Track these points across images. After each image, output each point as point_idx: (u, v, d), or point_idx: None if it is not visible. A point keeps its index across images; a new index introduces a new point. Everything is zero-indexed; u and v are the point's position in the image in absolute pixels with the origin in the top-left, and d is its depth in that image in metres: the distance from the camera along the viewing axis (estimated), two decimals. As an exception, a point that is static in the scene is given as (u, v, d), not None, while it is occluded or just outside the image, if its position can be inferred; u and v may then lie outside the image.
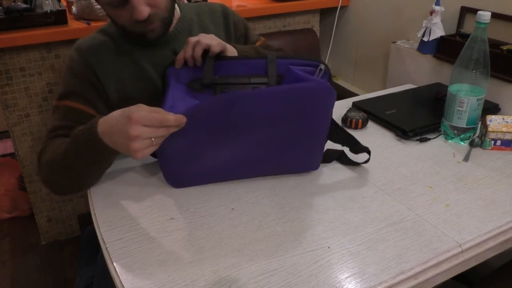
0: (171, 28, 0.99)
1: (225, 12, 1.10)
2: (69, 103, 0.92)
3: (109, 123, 0.75)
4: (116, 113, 0.74)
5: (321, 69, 0.84)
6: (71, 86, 0.94)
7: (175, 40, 1.00)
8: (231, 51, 0.92)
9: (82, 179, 0.85)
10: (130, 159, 0.95)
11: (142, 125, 0.69)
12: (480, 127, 1.03)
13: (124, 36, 0.98)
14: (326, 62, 2.01)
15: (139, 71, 0.97)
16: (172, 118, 0.71)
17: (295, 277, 0.65)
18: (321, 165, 0.93)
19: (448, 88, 1.01)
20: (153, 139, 0.71)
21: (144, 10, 0.85)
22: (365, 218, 0.78)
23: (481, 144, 1.01)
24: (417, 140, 1.04)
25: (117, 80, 0.95)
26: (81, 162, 0.81)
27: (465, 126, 1.01)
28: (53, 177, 0.87)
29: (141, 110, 0.70)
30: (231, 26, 1.09)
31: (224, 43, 0.89)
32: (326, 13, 2.02)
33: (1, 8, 1.43)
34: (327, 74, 0.85)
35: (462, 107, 0.99)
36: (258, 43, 1.13)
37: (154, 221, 0.77)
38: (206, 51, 0.86)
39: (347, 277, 0.65)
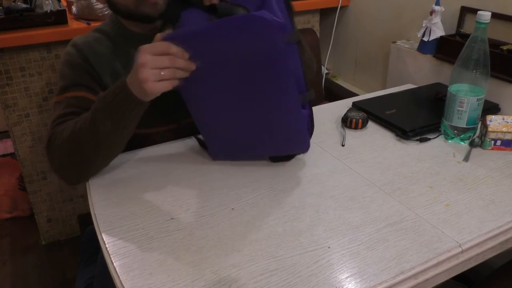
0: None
1: None
2: (72, 94, 0.92)
3: (128, 76, 0.78)
4: None
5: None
6: (71, 79, 0.94)
7: None
8: None
9: (103, 152, 0.85)
10: (130, 159, 0.95)
11: (149, 53, 0.73)
12: (480, 127, 1.03)
13: (120, 31, 0.99)
14: (326, 62, 2.02)
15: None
16: (175, 47, 0.74)
17: (295, 277, 0.65)
18: (321, 165, 0.93)
19: (448, 88, 1.01)
20: (162, 73, 0.73)
21: None
22: (365, 218, 0.78)
23: (481, 144, 1.01)
24: (417, 140, 1.04)
25: (113, 74, 0.96)
26: (106, 124, 0.80)
27: (465, 126, 1.01)
28: (72, 157, 0.85)
29: (146, 48, 0.74)
30: None
31: None
32: (326, 13, 2.02)
33: (1, 8, 1.43)
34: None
35: (462, 107, 0.99)
36: None
37: (154, 221, 0.77)
38: None
39: (347, 277, 0.65)
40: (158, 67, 0.73)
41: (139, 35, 0.97)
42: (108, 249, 0.71)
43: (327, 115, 1.17)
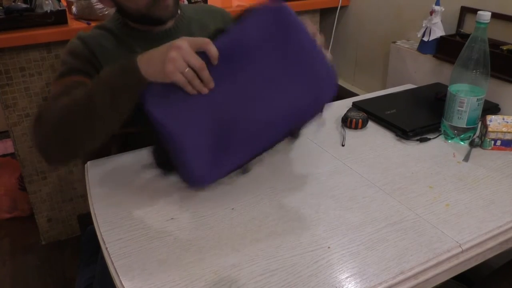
0: (171, 24, 1.01)
1: (224, 13, 1.13)
2: (72, 78, 0.91)
3: (149, 52, 0.78)
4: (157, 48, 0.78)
5: None
6: (72, 65, 0.93)
7: (174, 36, 1.01)
8: None
9: (94, 127, 0.81)
10: (130, 159, 0.95)
11: (188, 42, 0.74)
12: (480, 127, 1.03)
13: (124, 28, 0.99)
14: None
15: None
16: (214, 47, 0.75)
17: (295, 277, 0.65)
18: (321, 165, 0.93)
19: (448, 88, 1.01)
20: (186, 69, 0.73)
21: None
22: (365, 218, 0.78)
23: (481, 144, 1.01)
24: (417, 140, 1.04)
25: None
26: (106, 98, 0.78)
27: (465, 126, 1.01)
28: (61, 129, 0.81)
29: (186, 39, 0.75)
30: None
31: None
32: (326, 13, 2.02)
33: (1, 8, 1.43)
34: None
35: (462, 107, 0.99)
36: None
37: (154, 221, 0.77)
38: None
39: (347, 277, 0.65)
40: (188, 62, 0.73)
41: (143, 33, 0.98)
42: (108, 249, 0.71)
43: (327, 115, 1.17)
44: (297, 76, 0.80)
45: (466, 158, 0.97)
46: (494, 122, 0.99)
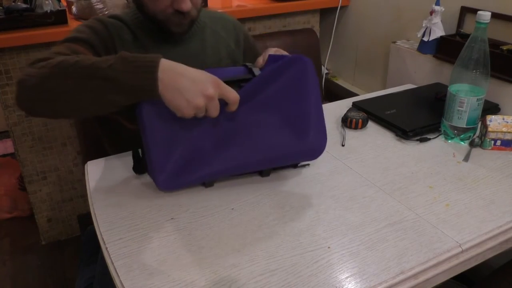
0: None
1: (236, 24, 1.14)
2: (77, 47, 0.85)
3: (183, 68, 0.72)
4: (191, 68, 0.73)
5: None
6: (85, 35, 0.89)
7: (189, 40, 1.02)
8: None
9: (88, 93, 0.73)
10: (130, 159, 0.95)
11: (219, 94, 0.73)
12: (480, 127, 1.03)
13: (140, 25, 0.97)
14: (326, 62, 2.02)
15: None
16: (235, 106, 0.76)
17: (295, 277, 0.65)
18: (321, 165, 0.93)
19: (448, 88, 1.01)
20: (201, 114, 0.73)
21: (189, 3, 0.89)
22: (365, 218, 0.78)
23: (481, 144, 1.01)
24: (417, 140, 1.04)
25: None
26: (106, 71, 0.71)
27: (465, 126, 1.01)
28: (52, 80, 0.73)
29: (226, 86, 0.74)
30: (241, 37, 1.13)
31: None
32: (326, 13, 2.02)
33: (1, 8, 1.43)
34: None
35: (462, 107, 0.99)
36: None
37: (154, 221, 0.77)
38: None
39: (347, 277, 0.65)
40: (208, 111, 0.73)
41: (158, 33, 0.97)
42: (108, 249, 0.71)
43: (327, 115, 1.16)
44: (292, 125, 0.82)
45: (466, 158, 0.97)
46: (494, 122, 0.99)
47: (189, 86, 0.70)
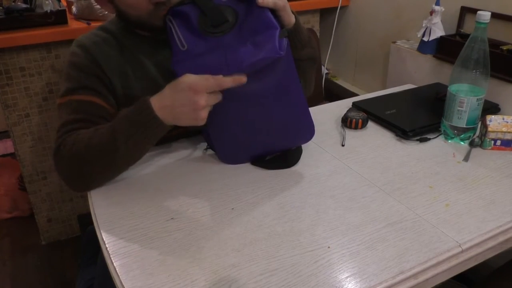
0: None
1: None
2: (78, 97, 0.90)
3: (167, 98, 0.78)
4: (168, 89, 0.78)
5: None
6: (77, 81, 0.91)
7: None
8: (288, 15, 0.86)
9: (120, 167, 0.87)
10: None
11: (207, 93, 0.75)
12: (480, 127, 1.03)
13: (127, 34, 0.96)
14: (326, 62, 2.02)
15: (142, 69, 0.96)
16: (229, 80, 0.75)
17: (295, 277, 0.65)
18: (321, 165, 0.93)
19: (448, 88, 1.01)
20: (213, 103, 0.77)
21: None
22: (365, 218, 0.78)
23: (481, 144, 1.01)
24: (417, 140, 1.04)
25: (122, 76, 0.94)
26: (127, 144, 0.80)
27: (465, 126, 1.01)
28: (84, 170, 0.84)
29: (199, 79, 0.74)
30: None
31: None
32: (326, 13, 2.02)
33: (1, 8, 1.43)
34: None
35: (462, 107, 0.99)
36: None
37: (154, 221, 0.77)
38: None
39: (347, 277, 0.65)
40: (209, 92, 0.75)
41: (145, 38, 0.96)
42: (108, 249, 0.71)
43: (327, 115, 1.17)
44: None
45: (466, 158, 0.97)
46: (494, 122, 1.00)
47: (183, 111, 0.77)
